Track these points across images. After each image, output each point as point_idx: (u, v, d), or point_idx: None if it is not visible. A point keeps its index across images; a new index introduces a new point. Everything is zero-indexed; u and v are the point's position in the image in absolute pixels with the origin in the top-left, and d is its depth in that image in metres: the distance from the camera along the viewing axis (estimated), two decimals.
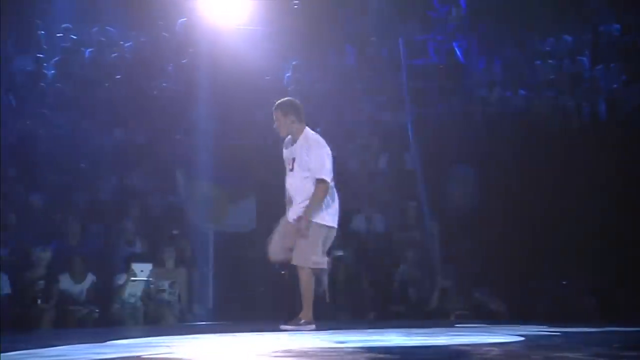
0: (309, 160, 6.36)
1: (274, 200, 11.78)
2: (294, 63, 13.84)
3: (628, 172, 10.45)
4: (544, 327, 6.34)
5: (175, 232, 10.31)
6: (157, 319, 9.39)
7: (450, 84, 12.34)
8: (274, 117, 6.59)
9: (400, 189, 10.67)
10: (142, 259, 9.85)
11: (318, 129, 12.65)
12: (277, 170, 11.90)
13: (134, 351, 4.59)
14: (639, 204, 10.07)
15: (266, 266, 10.31)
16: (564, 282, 9.73)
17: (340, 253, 9.48)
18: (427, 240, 9.82)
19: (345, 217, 10.22)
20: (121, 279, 9.55)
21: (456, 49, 12.91)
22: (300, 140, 6.46)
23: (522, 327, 6.54)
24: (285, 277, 6.86)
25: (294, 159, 6.45)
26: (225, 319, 9.23)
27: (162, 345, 4.97)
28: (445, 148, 11.03)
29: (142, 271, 9.16)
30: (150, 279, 9.32)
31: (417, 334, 5.70)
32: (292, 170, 6.46)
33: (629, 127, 11.28)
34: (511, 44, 13.06)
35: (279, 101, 6.61)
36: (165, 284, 9.50)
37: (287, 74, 13.87)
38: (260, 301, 9.87)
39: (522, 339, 4.99)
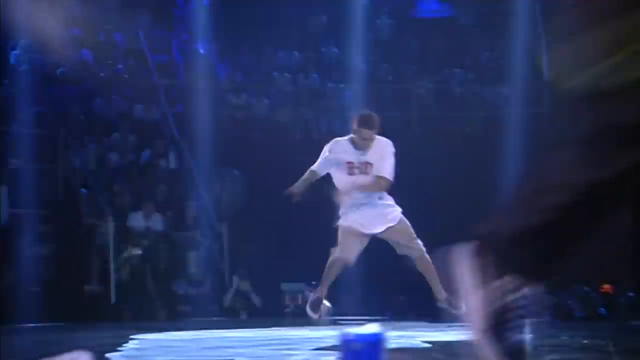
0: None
1: None
2: (21, 41, 12.67)
3: None
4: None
5: None
6: None
7: (200, 84, 12.33)
8: (368, 135, 6.03)
9: (177, 187, 10.48)
10: None
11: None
12: None
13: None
14: None
15: None
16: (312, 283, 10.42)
17: (138, 252, 9.11)
18: (214, 240, 9.82)
19: (123, 213, 9.87)
20: None
21: (201, 50, 12.92)
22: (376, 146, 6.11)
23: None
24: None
25: (370, 164, 6.05)
26: None
27: None
28: (208, 149, 11.07)
29: None
30: None
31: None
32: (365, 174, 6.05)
33: None
34: (248, 52, 13.44)
35: (367, 119, 6.03)
36: None
37: (15, 52, 12.66)
38: None
39: (531, 335, 5.35)
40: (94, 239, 9.54)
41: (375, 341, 2.07)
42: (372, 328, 2.12)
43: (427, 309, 10.41)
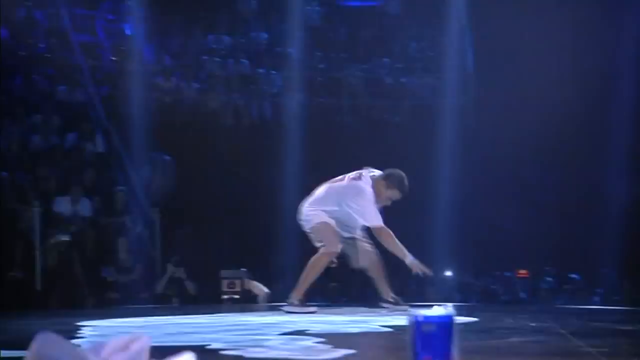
0: None
1: None
2: None
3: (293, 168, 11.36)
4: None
5: None
6: None
7: (124, 66, 11.94)
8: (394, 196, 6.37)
9: (105, 171, 10.11)
10: None
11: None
12: None
13: None
14: None
15: None
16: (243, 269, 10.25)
17: (65, 237, 8.73)
18: (144, 226, 9.51)
19: (48, 198, 9.47)
20: None
21: (127, 31, 12.52)
22: None
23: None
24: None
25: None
26: None
27: None
28: (136, 133, 10.76)
29: None
30: None
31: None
32: None
33: (291, 127, 12.22)
34: (176, 35, 13.10)
35: (393, 178, 6.34)
36: None
37: None
38: None
39: (477, 319, 5.32)
40: (18, 224, 9.10)
41: (446, 322, 1.96)
42: (441, 310, 2.01)
43: (358, 296, 10.41)
